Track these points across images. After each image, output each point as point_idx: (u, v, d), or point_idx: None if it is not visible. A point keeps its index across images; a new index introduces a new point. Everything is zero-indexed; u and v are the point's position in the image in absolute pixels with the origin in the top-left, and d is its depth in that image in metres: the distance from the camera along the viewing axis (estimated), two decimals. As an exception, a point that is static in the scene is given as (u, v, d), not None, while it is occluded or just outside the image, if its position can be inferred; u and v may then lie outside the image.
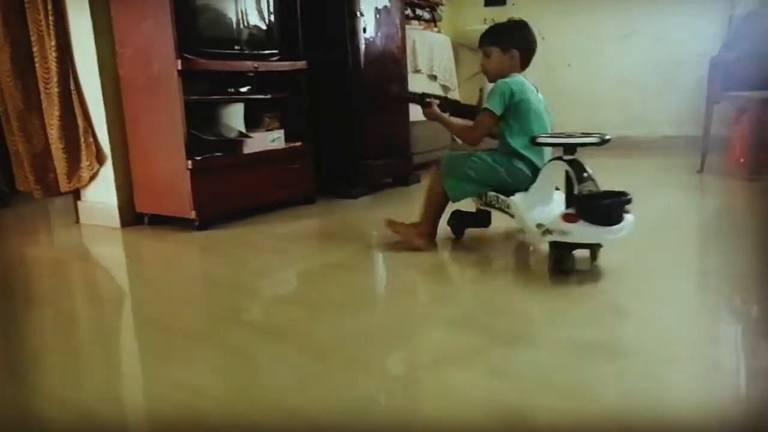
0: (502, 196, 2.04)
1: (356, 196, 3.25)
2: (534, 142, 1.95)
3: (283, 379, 1.31)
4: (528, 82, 2.09)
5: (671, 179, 3.51)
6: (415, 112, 3.64)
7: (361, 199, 3.25)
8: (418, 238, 2.16)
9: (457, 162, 2.08)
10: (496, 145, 2.12)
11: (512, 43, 2.08)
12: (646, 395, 1.18)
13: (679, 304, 1.67)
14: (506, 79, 2.04)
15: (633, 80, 4.67)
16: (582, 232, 1.74)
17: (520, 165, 2.03)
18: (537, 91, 2.11)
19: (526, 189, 2.02)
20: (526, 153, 2.02)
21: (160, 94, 2.55)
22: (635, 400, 1.16)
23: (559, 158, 1.89)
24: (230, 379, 1.34)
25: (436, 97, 2.26)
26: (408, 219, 2.26)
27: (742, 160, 3.57)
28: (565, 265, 1.82)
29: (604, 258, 1.92)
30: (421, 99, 2.24)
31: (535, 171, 2.03)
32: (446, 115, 2.22)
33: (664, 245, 2.23)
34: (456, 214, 2.24)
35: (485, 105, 2.04)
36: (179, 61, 2.46)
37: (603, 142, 1.83)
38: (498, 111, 2.01)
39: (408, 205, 2.27)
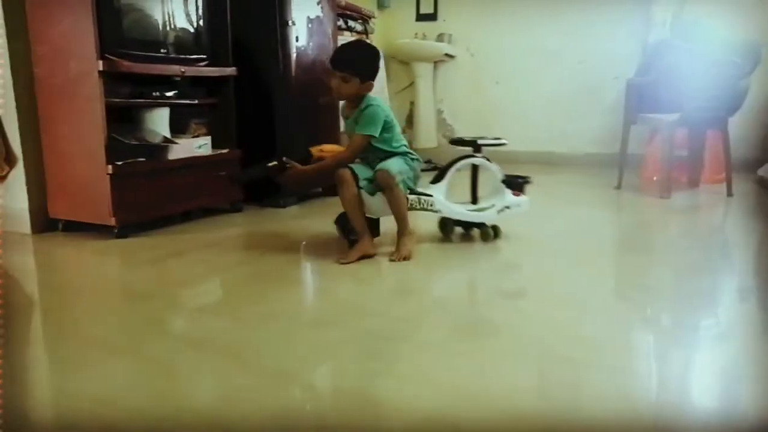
0: (423, 197, 2.33)
1: (284, 205, 3.23)
2: (452, 142, 2.59)
3: (206, 390, 1.30)
4: None
5: (591, 195, 3.69)
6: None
7: (290, 208, 3.23)
8: (368, 246, 2.24)
9: (401, 172, 2.25)
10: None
11: (372, 75, 2.25)
12: (563, 398, 1.23)
13: (595, 313, 1.75)
14: (377, 105, 2.24)
15: (558, 99, 4.90)
16: (526, 203, 2.44)
17: (415, 160, 2.35)
18: None
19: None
20: (408, 150, 2.34)
21: (80, 95, 2.47)
22: (552, 403, 1.21)
23: (470, 156, 2.46)
24: (149, 391, 1.30)
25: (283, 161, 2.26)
26: (332, 228, 2.28)
27: (655, 177, 3.82)
28: (498, 235, 2.50)
29: (523, 264, 1.97)
30: (273, 168, 2.20)
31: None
32: (310, 166, 2.30)
33: (580, 258, 2.34)
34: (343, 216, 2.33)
35: (364, 131, 2.21)
36: (101, 62, 2.39)
37: (502, 144, 2.53)
38: (377, 135, 2.23)
39: (336, 215, 2.28)
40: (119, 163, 2.49)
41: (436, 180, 2.40)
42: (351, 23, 4.27)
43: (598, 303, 1.86)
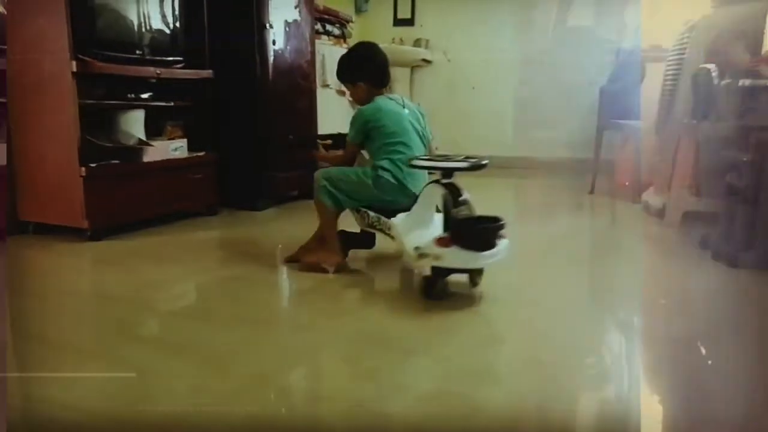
0: (383, 218, 2.06)
1: (261, 209, 3.21)
2: (410, 165, 1.98)
3: (181, 395, 1.29)
4: (392, 100, 2.19)
5: (565, 199, 3.75)
6: (324, 126, 3.65)
7: (266, 211, 3.21)
8: (331, 256, 2.15)
9: (329, 177, 2.15)
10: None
11: (355, 77, 2.22)
12: (532, 398, 1.24)
13: (567, 316, 1.77)
14: (364, 108, 2.17)
15: (533, 104, 4.94)
16: (454, 256, 1.74)
17: (384, 174, 2.08)
18: (404, 106, 2.20)
19: (395, 200, 2.07)
20: (386, 165, 2.09)
21: (52, 96, 2.43)
22: (522, 403, 1.22)
23: (437, 182, 1.89)
24: (122, 397, 1.28)
25: (329, 136, 2.41)
26: (308, 232, 2.24)
27: (626, 183, 3.85)
28: (435, 290, 1.82)
29: (492, 272, 1.91)
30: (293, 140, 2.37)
31: (401, 181, 2.08)
32: (326, 152, 2.38)
33: (553, 262, 2.36)
34: (340, 234, 2.22)
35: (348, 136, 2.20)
36: (74, 63, 2.36)
37: (477, 167, 1.83)
38: (357, 140, 2.16)
39: (313, 219, 2.27)
40: (92, 165, 2.47)
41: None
42: (329, 27, 4.26)
43: (570, 306, 1.87)
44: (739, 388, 1.35)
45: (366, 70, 2.22)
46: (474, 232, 1.75)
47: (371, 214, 2.12)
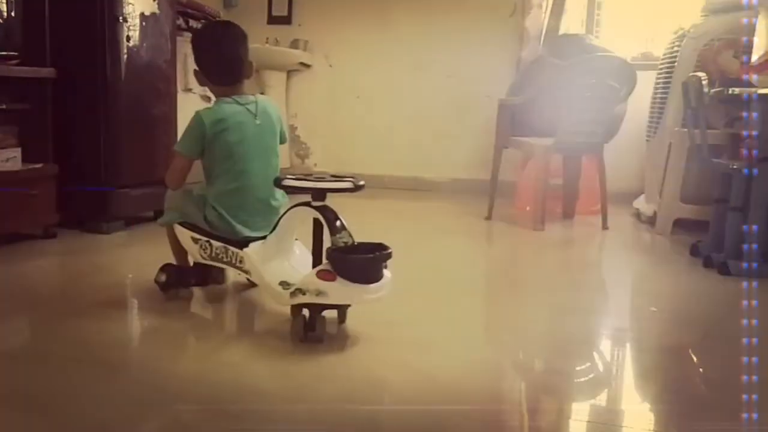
0: (231, 249, 1.95)
1: (108, 231, 3.07)
2: (277, 185, 1.89)
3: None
4: (242, 106, 1.95)
5: (458, 226, 3.70)
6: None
7: (115, 234, 3.05)
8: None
9: (175, 195, 2.07)
10: None
11: (197, 60, 2.02)
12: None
13: (461, 358, 1.74)
14: (203, 114, 1.94)
15: (425, 117, 5.05)
16: (341, 291, 1.67)
17: (212, 214, 1.95)
18: (256, 114, 1.96)
19: (231, 238, 1.95)
20: (216, 206, 1.95)
21: None
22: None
23: (307, 204, 1.81)
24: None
25: None
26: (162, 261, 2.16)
27: (528, 208, 3.80)
28: (316, 330, 1.74)
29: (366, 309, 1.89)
30: None
31: (231, 224, 1.95)
32: None
33: (443, 297, 2.31)
34: (165, 267, 2.11)
35: (177, 143, 2.08)
36: None
37: (357, 188, 1.78)
38: (188, 152, 1.98)
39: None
40: None
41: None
42: (193, 23, 4.14)
43: (465, 347, 1.84)
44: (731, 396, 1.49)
45: (203, 58, 2.00)
46: (363, 262, 1.69)
47: (215, 244, 1.98)
